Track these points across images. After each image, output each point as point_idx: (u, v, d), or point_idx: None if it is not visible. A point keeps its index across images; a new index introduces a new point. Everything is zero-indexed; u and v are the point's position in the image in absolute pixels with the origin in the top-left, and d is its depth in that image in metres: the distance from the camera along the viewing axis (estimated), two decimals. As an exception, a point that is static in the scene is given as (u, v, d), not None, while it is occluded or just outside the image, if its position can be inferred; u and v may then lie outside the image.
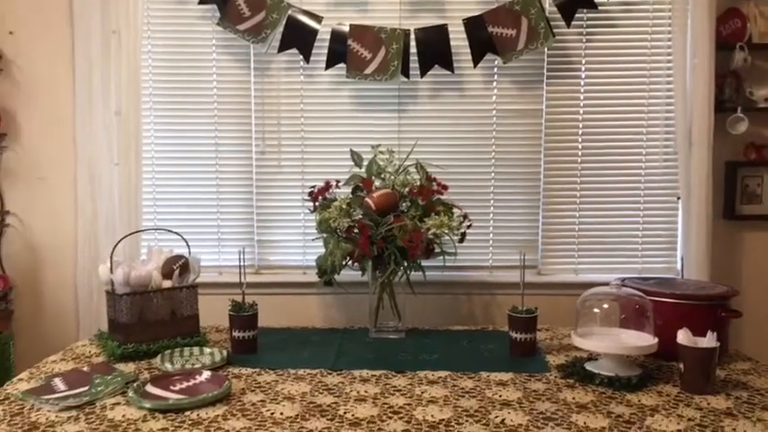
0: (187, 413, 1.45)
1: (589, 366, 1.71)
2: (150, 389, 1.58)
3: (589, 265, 2.51)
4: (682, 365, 1.61)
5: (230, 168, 2.52)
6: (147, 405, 1.48)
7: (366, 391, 1.60)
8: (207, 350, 1.87)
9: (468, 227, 2.10)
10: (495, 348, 1.96)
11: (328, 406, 1.50)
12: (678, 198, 2.42)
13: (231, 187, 2.52)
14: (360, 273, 2.12)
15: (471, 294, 2.49)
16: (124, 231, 2.25)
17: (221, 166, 2.52)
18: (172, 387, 1.59)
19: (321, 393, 1.59)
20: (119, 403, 1.51)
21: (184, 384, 1.61)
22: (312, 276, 2.28)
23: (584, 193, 2.50)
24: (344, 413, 1.46)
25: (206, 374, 1.66)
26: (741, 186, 2.43)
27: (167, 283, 1.94)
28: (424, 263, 2.09)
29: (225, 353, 1.84)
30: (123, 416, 1.44)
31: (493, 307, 2.48)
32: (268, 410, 1.48)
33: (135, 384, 1.58)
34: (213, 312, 2.07)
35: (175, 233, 2.04)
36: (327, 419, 1.43)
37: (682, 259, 2.41)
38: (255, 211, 2.52)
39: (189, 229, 2.37)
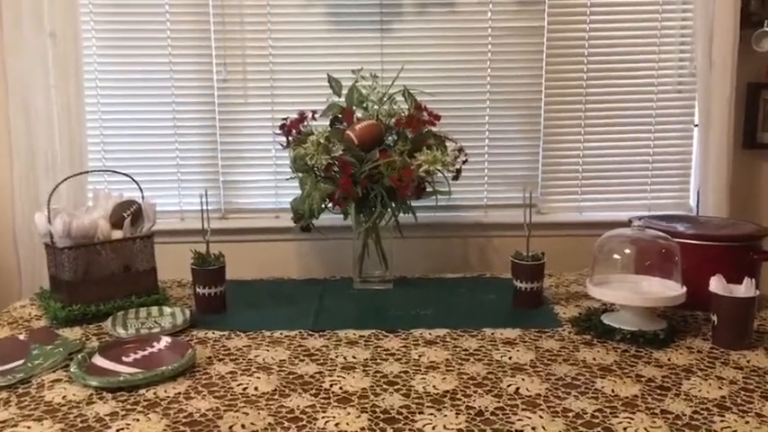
0: (142, 391, 1.22)
1: (607, 320, 1.50)
2: (98, 361, 1.34)
3: (594, 203, 2.29)
4: (715, 317, 1.42)
5: (189, 99, 2.21)
6: (94, 382, 1.24)
7: (354, 357, 1.37)
8: (167, 310, 1.63)
9: (464, 162, 1.86)
10: (496, 299, 1.75)
11: (311, 377, 1.28)
12: (696, 125, 2.18)
13: (191, 121, 2.22)
14: (342, 216, 1.87)
15: (465, 237, 2.26)
16: (67, 173, 1.95)
17: (178, 96, 2.20)
18: (124, 358, 1.36)
19: (302, 361, 1.36)
20: (60, 380, 1.27)
21: (139, 354, 1.38)
22: (286, 220, 2.03)
23: (590, 122, 2.25)
24: (331, 386, 1.24)
25: (165, 341, 1.43)
26: (764, 111, 2.20)
27: (117, 234, 1.67)
28: (414, 203, 1.85)
29: (188, 313, 1.59)
30: (64, 397, 1.20)
31: (489, 251, 2.26)
32: (240, 385, 1.25)
33: (80, 356, 1.33)
34: (175, 264, 1.81)
35: (124, 174, 1.76)
36: (311, 395, 1.20)
37: (698, 194, 2.20)
38: (220, 148, 2.23)
39: (144, 170, 2.15)
